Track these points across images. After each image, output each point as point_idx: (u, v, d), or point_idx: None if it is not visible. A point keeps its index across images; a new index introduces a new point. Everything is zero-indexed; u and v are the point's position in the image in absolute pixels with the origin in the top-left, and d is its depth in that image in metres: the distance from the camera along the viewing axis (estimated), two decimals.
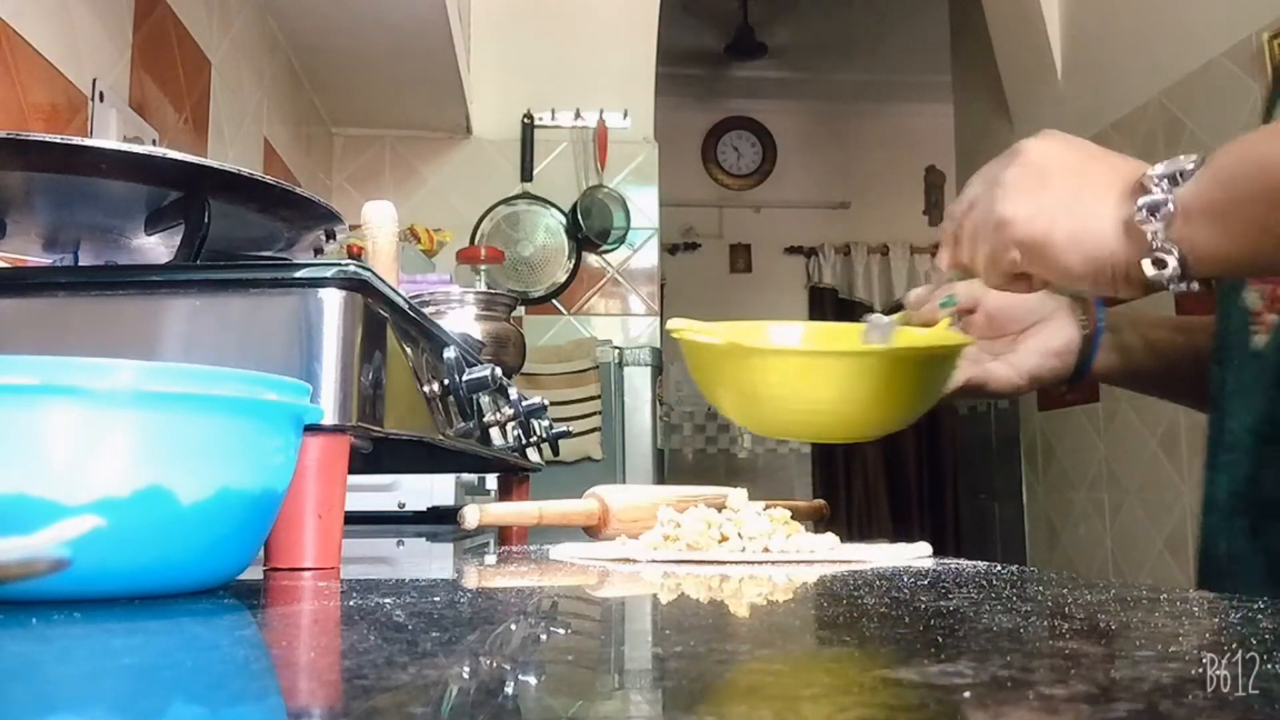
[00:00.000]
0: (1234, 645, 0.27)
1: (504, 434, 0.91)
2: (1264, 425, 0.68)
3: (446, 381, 0.70)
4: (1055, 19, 2.81)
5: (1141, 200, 0.54)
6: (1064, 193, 0.58)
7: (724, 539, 0.63)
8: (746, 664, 0.28)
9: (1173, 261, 0.54)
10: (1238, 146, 0.55)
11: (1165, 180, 0.55)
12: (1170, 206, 0.54)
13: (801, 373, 0.71)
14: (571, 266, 2.95)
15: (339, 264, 0.55)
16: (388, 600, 0.39)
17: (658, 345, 2.89)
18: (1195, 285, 0.55)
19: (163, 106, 1.65)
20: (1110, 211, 0.56)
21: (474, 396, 0.75)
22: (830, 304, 5.30)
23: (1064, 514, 3.00)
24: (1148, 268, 0.55)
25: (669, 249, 5.09)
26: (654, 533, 0.66)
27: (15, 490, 0.35)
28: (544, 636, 0.33)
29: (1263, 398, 0.69)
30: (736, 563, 0.60)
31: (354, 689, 0.23)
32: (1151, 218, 0.54)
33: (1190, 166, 0.54)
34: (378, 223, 0.87)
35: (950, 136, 3.90)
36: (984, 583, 0.46)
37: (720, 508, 0.68)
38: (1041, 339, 0.80)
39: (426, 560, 0.79)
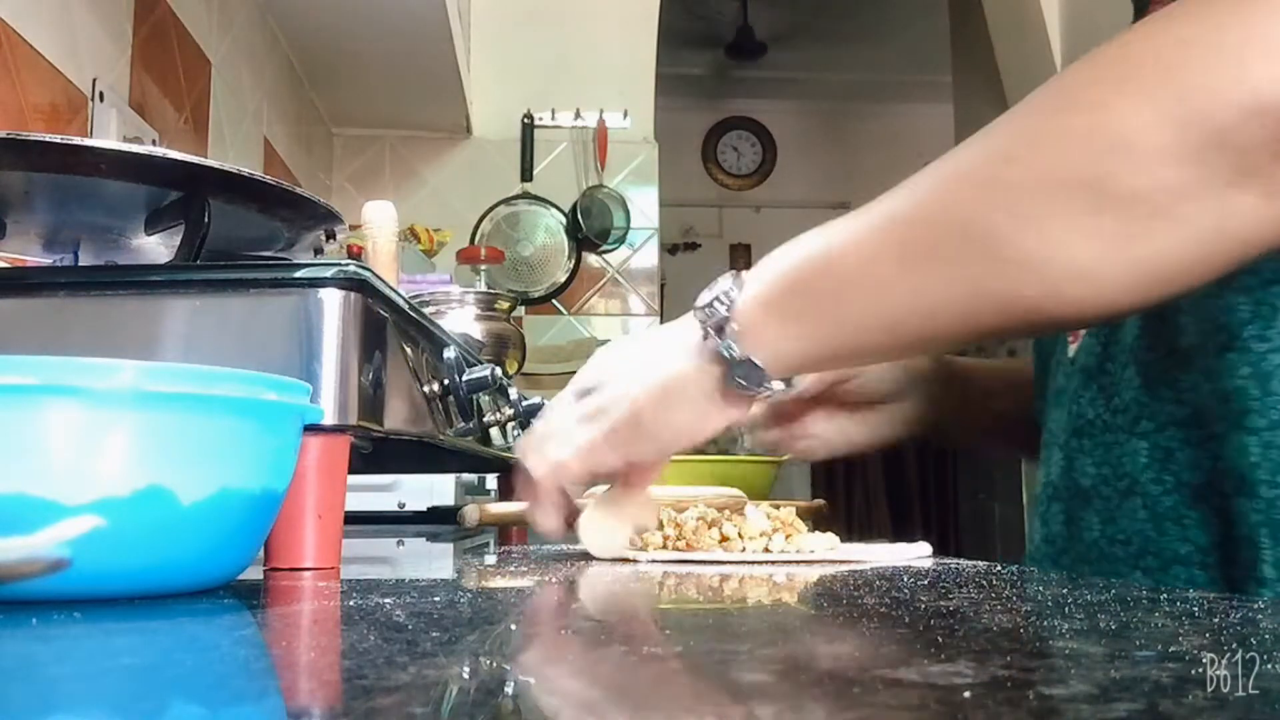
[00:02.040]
0: (1234, 645, 0.27)
1: (504, 434, 0.91)
2: (1075, 421, 0.73)
3: (446, 381, 0.70)
4: (1055, 19, 2.81)
5: (707, 320, 0.56)
6: (633, 366, 0.60)
7: (724, 539, 0.63)
8: (746, 664, 0.28)
9: (755, 369, 0.55)
10: (794, 250, 0.57)
11: (714, 302, 0.56)
12: (734, 319, 0.55)
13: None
14: (571, 266, 2.95)
15: (339, 264, 0.55)
16: (388, 600, 0.39)
17: None
18: (786, 385, 0.57)
19: (163, 106, 1.65)
20: (679, 352, 0.58)
21: (474, 396, 0.75)
22: None
23: None
24: (733, 383, 0.56)
25: (669, 249, 5.09)
26: (654, 533, 0.66)
27: (15, 490, 0.35)
28: (544, 636, 0.33)
29: (1073, 398, 0.74)
30: (736, 562, 0.60)
31: (354, 689, 0.23)
32: (719, 335, 0.56)
33: (730, 286, 0.56)
34: (378, 223, 0.87)
35: (950, 136, 3.90)
36: (984, 583, 0.46)
37: (720, 509, 0.68)
38: (899, 408, 0.84)
39: (426, 560, 0.79)
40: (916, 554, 0.66)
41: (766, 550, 0.62)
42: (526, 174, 2.94)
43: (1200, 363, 0.64)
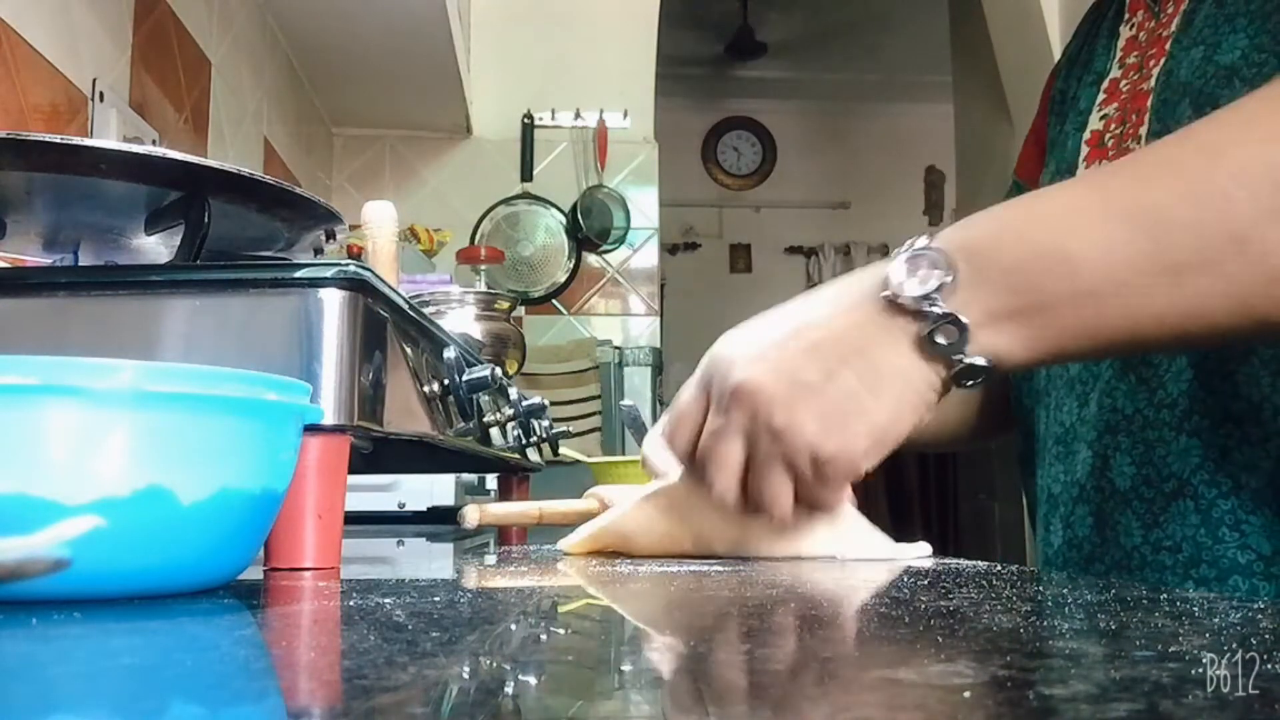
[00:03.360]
0: (1234, 645, 0.27)
1: (504, 434, 0.91)
2: (1108, 416, 0.68)
3: (446, 381, 0.70)
4: (1055, 19, 2.81)
5: (934, 326, 0.50)
6: (839, 376, 0.52)
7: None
8: (746, 664, 0.28)
9: (982, 370, 0.51)
10: (1015, 237, 0.51)
11: (929, 299, 0.50)
12: (961, 316, 0.50)
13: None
14: (571, 266, 2.95)
15: (339, 264, 0.55)
16: (388, 600, 0.39)
17: (658, 345, 2.89)
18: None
19: (163, 106, 1.65)
20: (898, 347, 0.51)
21: (474, 396, 0.75)
22: None
23: None
24: (955, 383, 0.52)
25: (669, 249, 5.09)
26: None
27: (15, 490, 0.35)
28: (544, 636, 0.33)
29: (1104, 392, 0.69)
30: (734, 559, 0.60)
31: (354, 689, 0.23)
32: (944, 335, 0.50)
33: (943, 277, 0.50)
34: (378, 223, 0.87)
35: (950, 136, 3.90)
36: (984, 583, 0.46)
37: None
38: None
39: (426, 560, 0.79)
40: (916, 554, 0.66)
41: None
42: (526, 174, 2.94)
43: (1261, 354, 0.61)
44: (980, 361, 0.51)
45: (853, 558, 0.63)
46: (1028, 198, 0.54)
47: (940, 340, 0.51)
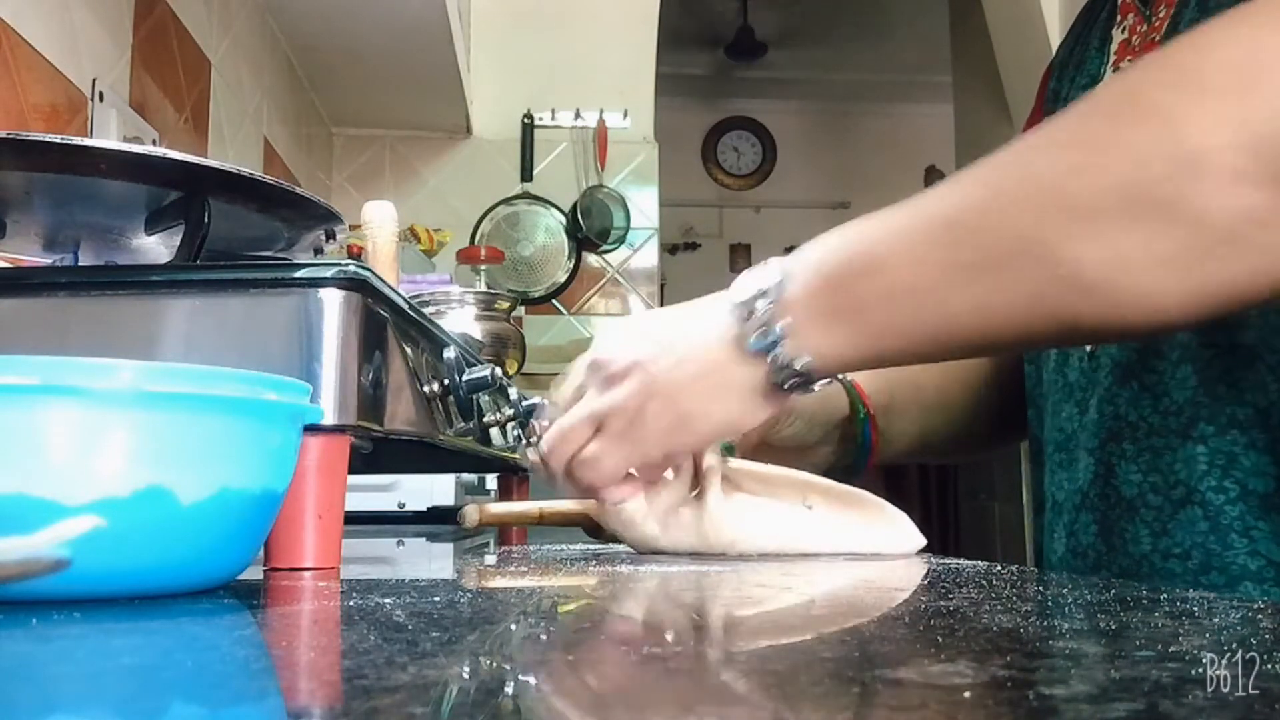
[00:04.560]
0: (1234, 645, 0.27)
1: (504, 434, 0.91)
2: (1111, 423, 0.69)
3: (446, 381, 0.70)
4: (1055, 19, 2.81)
5: (751, 318, 0.54)
6: (667, 361, 0.57)
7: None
8: (745, 663, 0.28)
9: (801, 372, 0.54)
10: (835, 245, 0.55)
11: (757, 298, 0.54)
12: (778, 325, 0.54)
13: None
14: (571, 266, 2.95)
15: (339, 264, 0.55)
16: (388, 600, 0.39)
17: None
18: (827, 384, 0.56)
19: (163, 106, 1.65)
20: (723, 347, 0.56)
21: (474, 396, 0.75)
22: None
23: None
24: (777, 382, 0.55)
25: (669, 249, 5.09)
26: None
27: (15, 490, 0.35)
28: (544, 636, 0.33)
29: (1105, 399, 0.69)
30: (734, 559, 0.60)
31: (354, 689, 0.23)
32: (764, 335, 0.54)
33: (774, 280, 0.54)
34: (378, 223, 0.87)
35: (950, 136, 3.90)
36: (984, 583, 0.46)
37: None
38: (824, 452, 0.82)
39: (426, 560, 0.79)
40: (910, 546, 0.65)
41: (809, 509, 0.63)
42: (526, 174, 2.94)
43: (1267, 359, 0.61)
44: (796, 364, 0.54)
45: (844, 549, 0.63)
46: (866, 216, 0.57)
47: (753, 340, 0.54)
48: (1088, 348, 0.72)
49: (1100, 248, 0.47)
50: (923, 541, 0.66)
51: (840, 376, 0.77)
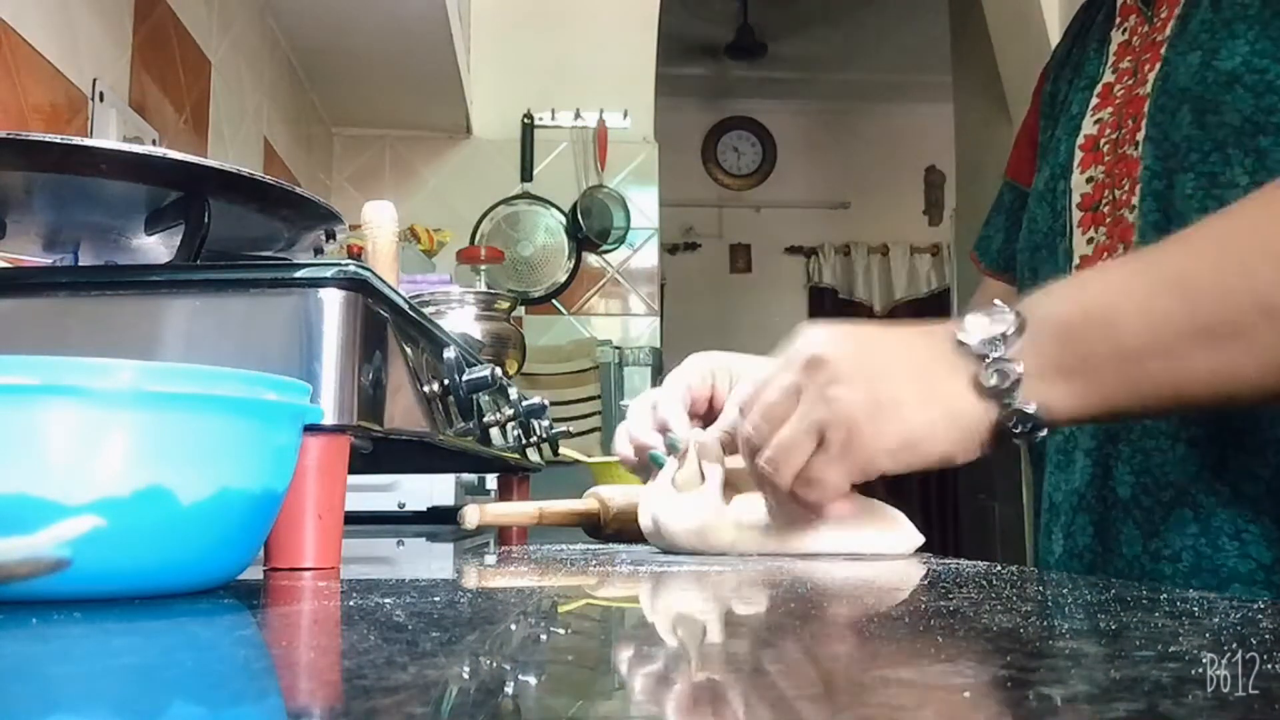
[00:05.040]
0: (1234, 645, 0.27)
1: (504, 434, 0.91)
2: (1106, 426, 0.70)
3: (446, 381, 0.70)
4: (1055, 19, 2.81)
5: (986, 360, 0.54)
6: (898, 379, 0.56)
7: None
8: (745, 663, 0.28)
9: (1031, 419, 0.54)
10: (1071, 297, 0.55)
11: (992, 343, 0.54)
12: (1017, 370, 0.54)
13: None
14: (571, 266, 2.95)
15: (339, 264, 0.55)
16: (388, 600, 0.39)
17: (658, 345, 2.89)
18: (1045, 434, 0.55)
19: (163, 106, 1.65)
20: (957, 384, 0.55)
21: (474, 396, 0.75)
22: (830, 304, 5.30)
23: None
24: (1005, 427, 0.55)
25: (669, 249, 5.09)
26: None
27: (15, 490, 0.35)
28: (544, 636, 0.33)
29: None
30: (731, 557, 0.60)
31: (354, 689, 0.23)
32: (999, 380, 0.54)
33: (1009, 328, 0.54)
34: (378, 223, 0.87)
35: (950, 136, 3.90)
36: (984, 583, 0.46)
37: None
38: None
39: (426, 560, 0.79)
40: (908, 546, 0.65)
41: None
42: (526, 174, 2.94)
43: None
44: (1029, 408, 0.54)
45: (842, 549, 0.63)
46: (1096, 269, 0.58)
47: (992, 382, 0.54)
48: None
49: None
50: (921, 540, 0.65)
51: None
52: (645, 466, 0.73)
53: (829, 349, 0.57)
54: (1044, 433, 0.55)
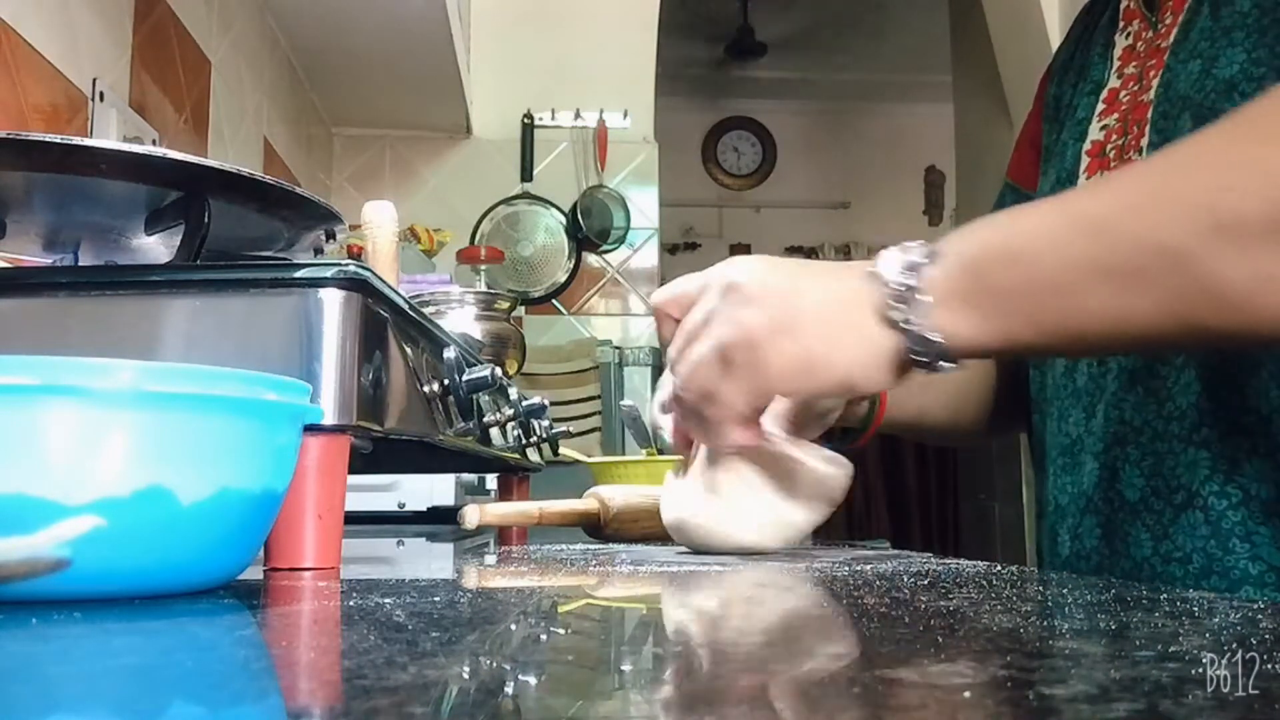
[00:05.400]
0: (1234, 645, 0.27)
1: (504, 434, 0.91)
2: (1116, 428, 0.70)
3: (446, 381, 0.70)
4: (1055, 19, 2.81)
5: (893, 286, 0.55)
6: (804, 304, 0.57)
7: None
8: (746, 663, 0.28)
9: (934, 346, 0.54)
10: (984, 235, 0.56)
11: (902, 272, 0.55)
12: (921, 292, 0.54)
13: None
14: (571, 266, 2.95)
15: (339, 264, 0.55)
16: (388, 600, 0.39)
17: (658, 345, 2.89)
18: (953, 367, 0.55)
19: (163, 106, 1.65)
20: (862, 306, 0.56)
21: (474, 396, 0.75)
22: None
23: None
24: (911, 354, 0.55)
25: (669, 249, 5.09)
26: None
27: (15, 490, 0.35)
28: (544, 636, 0.33)
29: (1112, 403, 0.70)
30: (736, 553, 0.60)
31: (354, 689, 0.23)
32: (905, 305, 0.54)
33: (921, 259, 0.55)
34: (378, 223, 0.87)
35: (950, 136, 3.90)
36: (984, 583, 0.46)
37: None
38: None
39: (426, 560, 0.79)
40: (839, 472, 0.64)
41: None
42: (526, 174, 2.94)
43: (1270, 366, 0.61)
44: (932, 336, 0.54)
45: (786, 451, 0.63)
46: (1017, 208, 0.57)
47: (896, 306, 0.55)
48: None
49: (1245, 265, 0.48)
50: (848, 470, 0.65)
51: None
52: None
53: (744, 274, 0.59)
54: (949, 364, 0.55)
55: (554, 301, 2.95)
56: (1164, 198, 0.51)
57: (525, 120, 2.94)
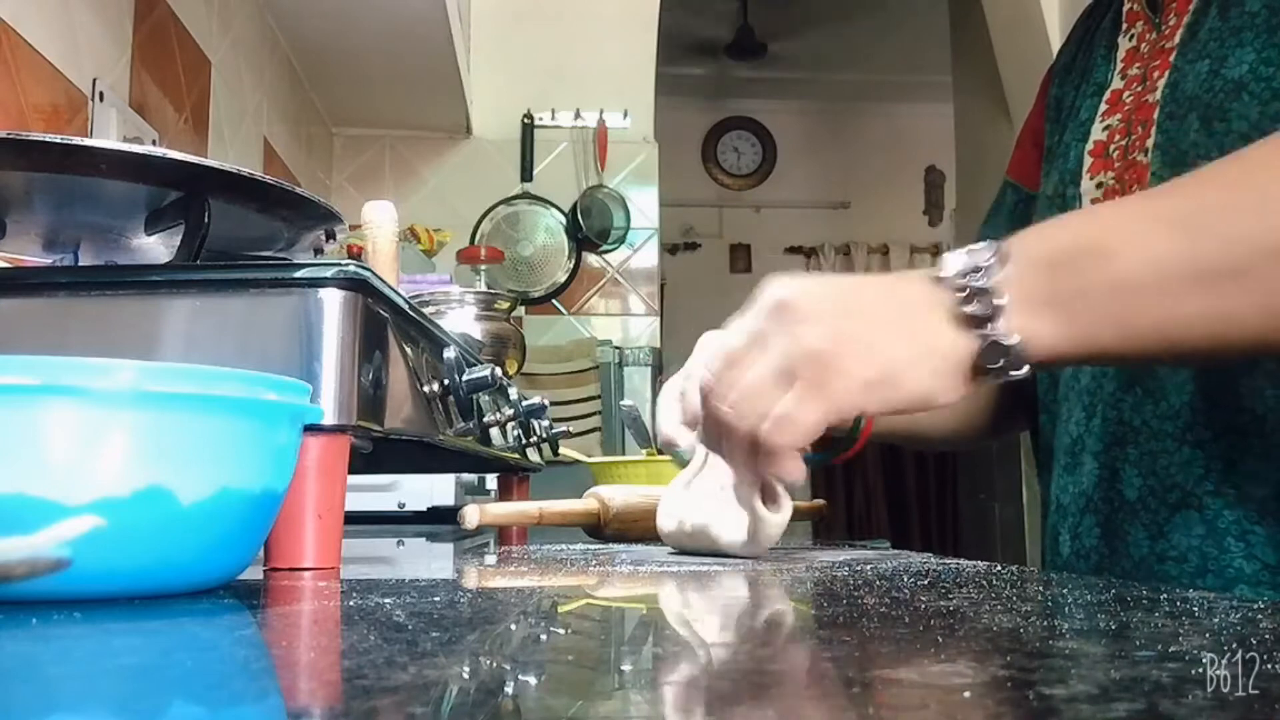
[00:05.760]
0: (1234, 645, 0.27)
1: (504, 434, 0.91)
2: (1114, 428, 0.69)
3: (446, 381, 0.70)
4: (1055, 19, 2.81)
5: (964, 289, 0.51)
6: (869, 316, 0.53)
7: None
8: (746, 663, 0.28)
9: (1010, 352, 0.50)
10: (1055, 234, 0.53)
11: (971, 272, 0.51)
12: (997, 297, 0.50)
13: None
14: (571, 266, 2.95)
15: (339, 264, 0.55)
16: (388, 600, 0.39)
17: (658, 345, 2.89)
18: (1022, 375, 0.52)
19: (163, 106, 1.65)
20: (934, 314, 0.52)
21: (474, 396, 0.75)
22: None
23: None
24: (984, 361, 0.51)
25: (669, 249, 5.09)
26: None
27: (15, 490, 0.35)
28: (544, 636, 0.33)
29: (1110, 404, 0.70)
30: (736, 557, 0.60)
31: (354, 689, 0.23)
32: (980, 307, 0.50)
33: (989, 260, 0.51)
34: (378, 223, 0.87)
35: (950, 136, 3.90)
36: (984, 583, 0.46)
37: None
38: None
39: (426, 560, 0.79)
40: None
41: None
42: (526, 174, 2.94)
43: (1265, 366, 0.61)
44: (1010, 340, 0.50)
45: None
46: (1088, 208, 0.55)
47: (971, 309, 0.51)
48: None
49: None
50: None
51: None
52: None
53: (795, 293, 0.53)
54: (1025, 370, 0.51)
55: (554, 301, 2.95)
56: (1257, 193, 0.49)
57: (525, 120, 2.94)
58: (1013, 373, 0.51)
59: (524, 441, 1.00)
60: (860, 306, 0.53)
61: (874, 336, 0.52)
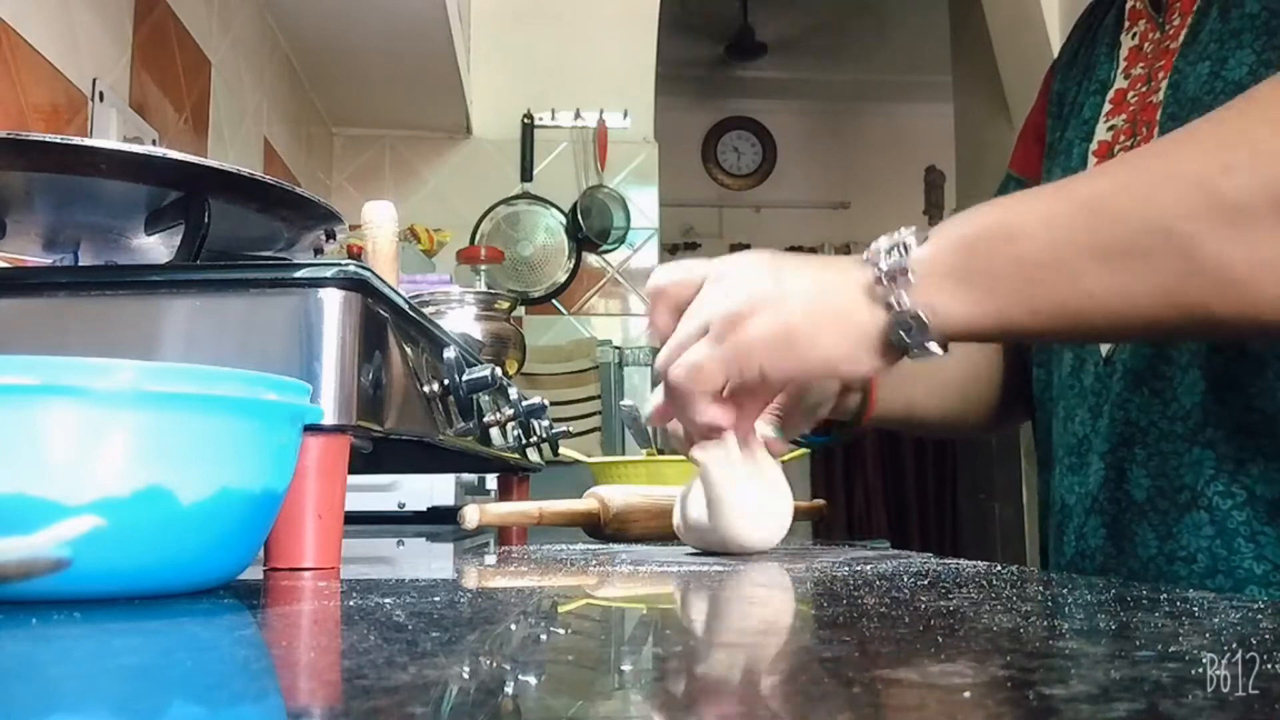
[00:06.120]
0: (1234, 645, 0.27)
1: (504, 434, 0.91)
2: (1121, 428, 0.69)
3: (446, 381, 0.70)
4: (1055, 19, 2.81)
5: (882, 265, 0.54)
6: (791, 285, 0.57)
7: None
8: (746, 663, 0.28)
9: (921, 324, 0.53)
10: (978, 216, 0.55)
11: (893, 249, 0.54)
12: (910, 270, 0.54)
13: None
14: (571, 266, 2.95)
15: (339, 264, 0.55)
16: (388, 600, 0.39)
17: (658, 345, 2.89)
18: (942, 350, 0.54)
19: (163, 106, 1.65)
20: (849, 287, 0.56)
21: (474, 396, 0.75)
22: None
23: None
24: (895, 334, 0.54)
25: (669, 249, 5.09)
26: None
27: (15, 490, 0.35)
28: (544, 636, 0.33)
29: (1117, 404, 0.70)
30: (733, 558, 0.60)
31: (354, 689, 0.23)
32: (893, 282, 0.54)
33: (910, 240, 0.54)
34: (378, 223, 0.87)
35: (950, 136, 3.90)
36: (984, 583, 0.46)
37: None
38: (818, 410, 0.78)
39: (426, 560, 0.79)
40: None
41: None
42: (526, 174, 2.94)
43: (1275, 366, 0.61)
44: (920, 313, 0.53)
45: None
46: (1015, 193, 0.57)
47: (883, 283, 0.54)
48: (1103, 353, 0.72)
49: (1247, 248, 0.48)
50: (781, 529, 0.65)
51: None
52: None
53: (732, 263, 0.59)
54: (935, 347, 0.54)
55: (554, 301, 2.95)
56: (1162, 178, 0.50)
57: (525, 120, 2.94)
58: (927, 345, 0.54)
59: (524, 441, 1.00)
60: (784, 276, 0.57)
61: (788, 302, 0.56)
